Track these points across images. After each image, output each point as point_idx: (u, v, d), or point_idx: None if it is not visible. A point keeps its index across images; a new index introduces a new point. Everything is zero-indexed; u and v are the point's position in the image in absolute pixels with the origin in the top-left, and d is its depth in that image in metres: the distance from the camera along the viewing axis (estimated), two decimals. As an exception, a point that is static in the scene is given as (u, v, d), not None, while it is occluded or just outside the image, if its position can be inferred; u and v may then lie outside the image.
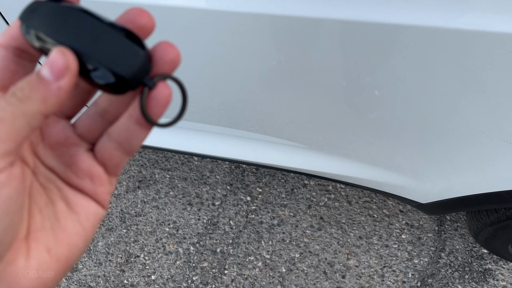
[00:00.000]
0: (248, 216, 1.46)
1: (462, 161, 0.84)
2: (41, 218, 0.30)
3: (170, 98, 0.29)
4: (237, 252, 1.41)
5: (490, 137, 0.75)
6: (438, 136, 0.81)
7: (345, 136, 0.94)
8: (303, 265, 1.37)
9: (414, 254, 1.37)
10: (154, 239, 1.45)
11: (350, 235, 1.40)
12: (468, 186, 0.89)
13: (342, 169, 1.03)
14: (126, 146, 0.31)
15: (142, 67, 0.28)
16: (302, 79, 0.80)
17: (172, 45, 0.29)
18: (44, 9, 0.28)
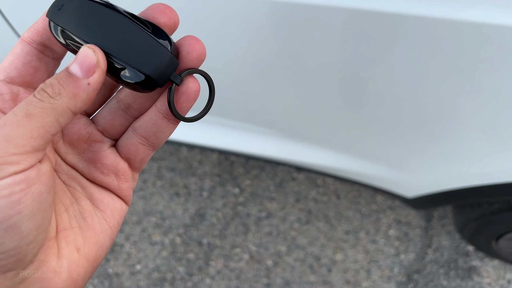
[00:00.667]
0: (235, 208, 1.45)
1: (448, 154, 0.84)
2: (67, 217, 0.29)
3: (198, 92, 0.30)
4: (223, 244, 1.40)
5: (475, 130, 0.74)
6: (426, 129, 0.80)
7: (335, 128, 0.93)
8: (289, 258, 1.37)
9: (401, 250, 1.37)
10: (140, 229, 1.43)
11: (337, 229, 1.40)
12: (453, 180, 0.89)
13: (331, 161, 1.02)
14: (153, 140, 0.31)
15: (169, 65, 0.28)
16: (295, 70, 0.78)
17: (198, 40, 0.29)
18: (71, 6, 0.28)
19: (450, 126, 0.78)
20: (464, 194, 0.89)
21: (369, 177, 1.04)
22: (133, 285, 1.37)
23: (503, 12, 0.57)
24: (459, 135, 0.79)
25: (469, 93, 0.69)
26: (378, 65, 0.71)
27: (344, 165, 1.02)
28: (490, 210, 0.98)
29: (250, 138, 1.06)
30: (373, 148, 0.94)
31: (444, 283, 1.32)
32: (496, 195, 0.86)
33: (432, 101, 0.74)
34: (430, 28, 0.62)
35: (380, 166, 0.97)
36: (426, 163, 0.90)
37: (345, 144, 0.97)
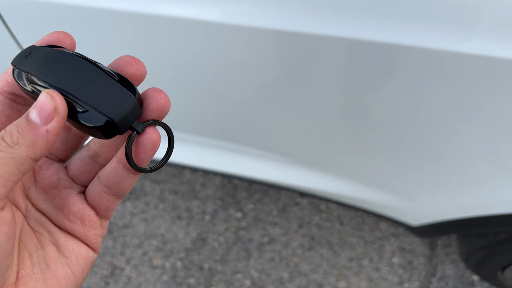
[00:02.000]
0: (238, 233, 1.43)
1: (452, 183, 0.83)
2: (30, 263, 0.29)
3: (158, 143, 0.29)
4: (225, 269, 1.38)
5: (479, 159, 0.74)
6: (431, 157, 0.80)
7: (340, 154, 0.93)
8: (292, 285, 1.34)
9: (405, 278, 1.35)
10: (141, 252, 1.42)
11: (340, 256, 1.38)
12: (458, 209, 0.88)
13: (335, 187, 1.02)
14: (115, 189, 0.31)
15: (132, 112, 0.28)
16: (299, 95, 0.79)
17: (161, 92, 0.29)
18: (37, 53, 0.28)
19: (455, 155, 0.78)
20: (469, 224, 0.89)
21: (373, 204, 1.04)
22: (132, 310, 1.35)
23: (500, 45, 0.58)
24: (463, 164, 0.79)
25: (473, 123, 0.69)
26: (382, 93, 0.72)
27: (348, 192, 1.01)
28: (496, 240, 0.97)
29: (253, 162, 1.06)
30: (377, 175, 0.94)
31: (449, 314, 1.29)
32: (502, 226, 0.85)
33: (436, 130, 0.74)
34: (433, 59, 0.62)
35: (384, 194, 0.97)
36: (430, 191, 0.89)
37: (348, 170, 0.97)
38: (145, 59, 0.83)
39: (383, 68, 0.67)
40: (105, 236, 1.44)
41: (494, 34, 0.58)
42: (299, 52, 0.70)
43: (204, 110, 0.94)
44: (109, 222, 1.46)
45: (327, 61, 0.70)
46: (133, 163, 0.29)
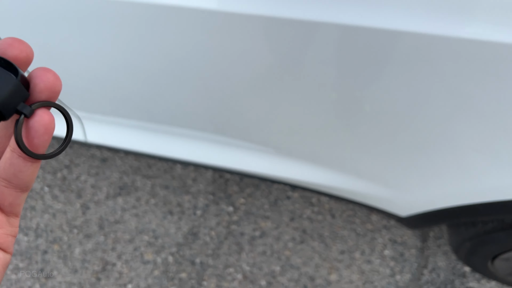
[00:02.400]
0: (229, 227, 1.43)
1: (441, 172, 0.83)
2: None
3: (51, 126, 0.27)
4: (216, 263, 1.38)
5: (468, 148, 0.74)
6: (420, 148, 0.80)
7: (330, 146, 0.93)
8: (283, 278, 1.34)
9: (396, 270, 1.35)
10: (132, 248, 1.41)
11: (332, 249, 1.38)
12: (446, 198, 0.88)
13: (326, 179, 1.01)
14: (15, 182, 0.28)
15: (15, 94, 0.26)
16: (292, 85, 0.78)
17: (49, 70, 0.27)
18: None
19: (443, 144, 0.77)
20: (457, 213, 0.88)
21: (363, 196, 1.04)
22: (124, 305, 1.35)
23: (498, 29, 0.58)
24: (452, 153, 0.78)
25: (461, 111, 0.69)
26: (373, 83, 0.71)
27: (338, 184, 1.01)
28: (484, 230, 0.97)
29: (244, 155, 1.06)
30: (366, 166, 0.93)
31: (441, 305, 1.29)
32: (489, 214, 0.85)
33: (425, 120, 0.74)
34: (425, 46, 0.62)
35: (374, 185, 0.97)
36: (419, 181, 0.89)
37: (339, 162, 0.96)
38: (133, 52, 0.83)
39: (375, 56, 0.66)
40: (96, 231, 1.44)
41: (490, 18, 0.58)
42: (291, 40, 0.69)
43: (195, 103, 0.94)
44: (99, 218, 1.45)
45: (319, 49, 0.69)
46: (26, 150, 0.27)
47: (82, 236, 1.45)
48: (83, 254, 1.42)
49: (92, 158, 1.58)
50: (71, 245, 1.43)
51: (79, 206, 1.49)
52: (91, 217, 1.47)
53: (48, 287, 1.39)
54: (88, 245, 1.43)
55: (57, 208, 1.49)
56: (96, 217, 1.47)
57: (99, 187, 1.52)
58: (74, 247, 1.43)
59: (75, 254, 1.42)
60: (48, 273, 1.40)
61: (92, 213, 1.48)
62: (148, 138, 1.15)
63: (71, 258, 1.41)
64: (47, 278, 1.40)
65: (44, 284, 1.39)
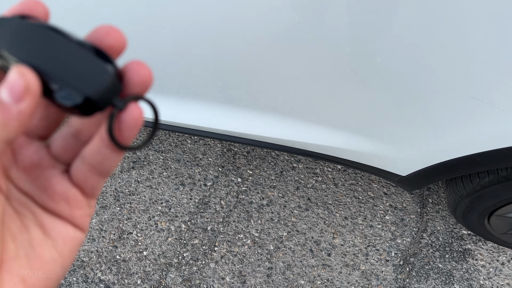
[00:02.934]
0: (238, 197, 1.51)
1: (436, 124, 0.89)
2: (14, 246, 0.28)
3: (141, 120, 0.27)
4: (227, 230, 1.46)
5: (461, 95, 0.79)
6: (416, 100, 0.85)
7: (335, 106, 0.98)
8: (290, 243, 1.42)
9: (397, 234, 1.42)
10: (146, 217, 1.49)
11: (336, 215, 1.46)
12: (443, 152, 0.94)
13: (324, 139, 1.08)
14: (100, 168, 0.30)
15: (111, 88, 0.26)
16: (288, 39, 0.83)
17: (143, 65, 0.28)
18: (7, 26, 0.26)
19: (439, 94, 0.82)
20: (456, 166, 0.94)
21: (362, 155, 1.10)
22: (140, 270, 1.43)
23: None
24: (445, 102, 0.83)
25: (453, 57, 0.73)
26: (379, 37, 0.76)
27: (337, 143, 1.08)
28: (481, 184, 1.03)
29: (245, 118, 1.10)
30: (369, 124, 0.99)
31: (440, 266, 1.37)
32: (486, 163, 0.90)
33: (420, 71, 0.79)
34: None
35: (373, 142, 1.03)
36: (418, 136, 0.95)
37: (337, 119, 1.02)
38: (136, 22, 0.88)
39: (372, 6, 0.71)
40: (112, 203, 1.52)
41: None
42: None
43: (204, 72, 0.99)
44: (114, 190, 1.53)
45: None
46: (115, 142, 0.27)
47: (98, 207, 1.52)
48: (100, 224, 1.50)
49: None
50: (89, 216, 1.51)
51: (95, 179, 1.57)
52: (106, 189, 1.55)
53: (68, 255, 1.47)
54: (104, 215, 1.51)
55: (74, 182, 1.57)
56: (111, 189, 1.55)
57: (113, 162, 1.59)
58: (91, 218, 1.51)
59: (92, 224, 1.50)
60: (67, 242, 1.48)
61: (107, 185, 1.55)
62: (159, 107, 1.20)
63: (89, 227, 1.49)
64: (66, 247, 1.48)
65: (64, 252, 1.47)
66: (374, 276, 1.37)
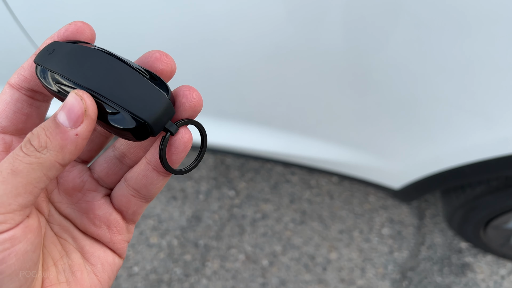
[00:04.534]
0: (231, 210, 1.47)
1: (427, 135, 0.87)
2: (55, 271, 0.28)
3: (190, 144, 0.28)
4: (219, 245, 1.42)
5: (453, 107, 0.78)
6: (406, 111, 0.84)
7: (318, 115, 0.96)
8: (285, 258, 1.38)
9: (394, 248, 1.39)
10: (138, 232, 1.46)
11: (331, 228, 1.42)
12: (433, 163, 0.92)
13: (317, 152, 1.05)
14: (144, 192, 0.30)
15: (166, 112, 0.26)
16: (277, 55, 0.81)
17: (194, 89, 0.28)
18: (61, 50, 0.26)
19: (428, 105, 0.80)
20: (446, 177, 0.92)
21: (356, 168, 1.08)
22: (130, 286, 1.39)
23: None
24: (437, 114, 0.82)
25: (444, 70, 0.73)
26: (356, 51, 0.75)
27: (331, 156, 1.05)
28: (473, 195, 1.01)
29: (234, 130, 1.08)
30: (358, 135, 0.97)
31: (438, 280, 1.33)
32: (475, 174, 0.89)
33: (409, 82, 0.78)
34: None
35: (366, 155, 1.01)
36: (408, 147, 0.93)
37: (331, 133, 1.00)
38: (127, 31, 0.85)
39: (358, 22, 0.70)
40: (103, 217, 1.49)
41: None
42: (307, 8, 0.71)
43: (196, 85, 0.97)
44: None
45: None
46: (167, 165, 0.27)
47: (88, 222, 1.49)
48: (90, 239, 1.46)
49: (97, 148, 1.62)
50: (78, 231, 1.47)
51: (85, 193, 1.53)
52: (97, 203, 1.51)
53: (56, 272, 1.43)
54: (94, 230, 1.47)
55: (64, 196, 1.53)
56: (102, 203, 1.51)
57: (104, 175, 1.56)
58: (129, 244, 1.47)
59: (82, 239, 1.46)
60: (56, 258, 1.44)
61: (98, 200, 1.52)
62: None
63: (78, 243, 1.46)
64: (55, 263, 1.44)
65: (53, 268, 1.43)
66: (371, 292, 1.33)
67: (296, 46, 0.78)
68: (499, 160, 0.82)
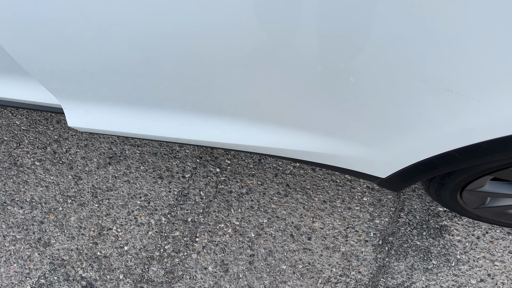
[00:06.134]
0: (217, 187, 1.51)
1: (411, 121, 0.87)
2: None
3: None
4: (207, 220, 1.46)
5: (435, 88, 0.76)
6: (386, 97, 0.83)
7: (312, 110, 0.96)
8: (271, 229, 1.43)
9: (375, 215, 1.45)
10: (126, 212, 1.48)
11: (314, 199, 1.47)
12: (420, 150, 0.92)
13: (308, 145, 1.06)
14: None
15: None
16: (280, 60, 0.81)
17: None
18: None
19: (412, 89, 0.78)
20: (434, 164, 0.92)
21: (340, 159, 1.08)
22: (121, 265, 1.42)
23: None
24: (421, 97, 0.80)
25: (427, 52, 0.71)
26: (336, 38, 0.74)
27: (313, 147, 1.05)
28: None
29: (207, 124, 1.08)
30: (339, 124, 0.97)
31: (418, 243, 1.40)
32: (465, 160, 0.88)
33: (392, 65, 0.76)
34: None
35: (348, 144, 1.01)
36: (392, 135, 0.93)
37: (321, 125, 1.00)
38: (98, 33, 0.82)
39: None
40: (90, 200, 1.50)
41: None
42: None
43: (168, 81, 0.94)
44: (91, 187, 1.51)
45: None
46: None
47: (76, 205, 1.51)
48: (79, 221, 1.48)
49: (80, 131, 1.63)
50: (67, 214, 1.49)
51: (71, 177, 1.54)
52: (83, 186, 1.53)
53: (47, 255, 1.45)
54: (83, 213, 1.49)
55: (49, 181, 1.54)
56: (88, 186, 1.53)
57: (89, 158, 1.57)
58: (70, 216, 1.49)
59: (71, 222, 1.48)
60: (45, 241, 1.46)
61: (85, 183, 1.53)
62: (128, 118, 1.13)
63: (67, 226, 1.48)
64: (45, 246, 1.46)
65: (43, 252, 1.45)
66: (354, 257, 1.39)
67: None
68: (489, 143, 0.81)
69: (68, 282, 1.42)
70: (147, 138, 1.22)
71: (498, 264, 1.35)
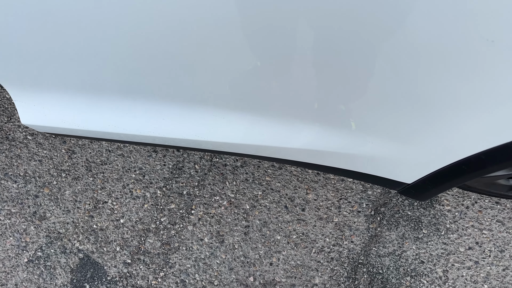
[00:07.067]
0: (212, 160, 1.52)
1: (449, 121, 0.73)
2: None
3: None
4: (203, 193, 1.47)
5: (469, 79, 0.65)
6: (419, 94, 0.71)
7: (336, 102, 0.81)
8: (265, 201, 1.45)
9: (367, 186, 1.47)
10: (121, 185, 1.49)
11: (308, 172, 1.49)
12: (464, 147, 0.76)
13: (326, 142, 0.90)
14: None
15: None
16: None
17: None
18: None
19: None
20: (483, 161, 0.75)
21: (355, 160, 0.91)
22: (118, 237, 1.43)
23: None
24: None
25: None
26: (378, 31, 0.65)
27: (345, 148, 0.89)
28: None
29: (213, 123, 0.94)
30: (373, 121, 0.81)
31: (409, 213, 1.43)
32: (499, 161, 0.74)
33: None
34: None
35: (374, 140, 0.85)
36: (426, 129, 0.78)
37: (343, 119, 0.85)
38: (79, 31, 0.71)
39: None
40: (84, 173, 1.50)
41: None
42: None
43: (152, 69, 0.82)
44: (85, 161, 1.51)
45: None
46: None
47: (71, 179, 1.51)
48: (74, 195, 1.48)
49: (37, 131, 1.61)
50: (61, 188, 1.49)
51: (65, 151, 1.54)
52: (77, 160, 1.52)
53: (43, 228, 1.45)
54: (77, 186, 1.49)
55: (42, 155, 1.53)
56: (82, 160, 1.53)
57: (82, 132, 1.56)
58: (64, 190, 1.49)
59: (66, 195, 1.48)
60: (41, 215, 1.46)
61: (78, 156, 1.53)
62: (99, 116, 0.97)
63: (63, 199, 1.48)
64: (41, 220, 1.47)
65: (39, 225, 1.46)
66: (347, 227, 1.42)
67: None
68: None
69: (65, 254, 1.43)
70: (122, 138, 1.06)
71: (486, 232, 1.40)
